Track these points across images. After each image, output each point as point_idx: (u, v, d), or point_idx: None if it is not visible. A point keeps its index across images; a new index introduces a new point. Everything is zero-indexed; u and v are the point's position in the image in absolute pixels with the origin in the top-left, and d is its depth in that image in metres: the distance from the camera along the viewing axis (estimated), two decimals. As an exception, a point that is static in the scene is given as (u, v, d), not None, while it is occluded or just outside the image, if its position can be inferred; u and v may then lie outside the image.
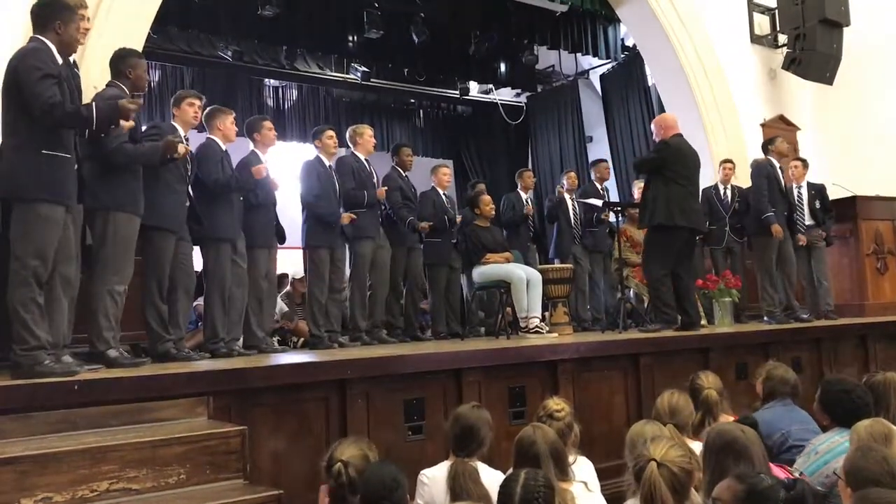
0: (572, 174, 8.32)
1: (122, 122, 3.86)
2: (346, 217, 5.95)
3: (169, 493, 2.92)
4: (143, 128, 4.67)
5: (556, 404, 3.53)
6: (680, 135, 6.27)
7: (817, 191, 7.80)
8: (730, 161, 8.24)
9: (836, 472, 2.71)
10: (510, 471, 2.80)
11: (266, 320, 5.62)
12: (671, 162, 6.02)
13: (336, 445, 2.79)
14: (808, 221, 7.66)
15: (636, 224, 7.30)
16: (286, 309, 8.35)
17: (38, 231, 3.48)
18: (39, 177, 3.50)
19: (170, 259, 4.64)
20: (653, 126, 6.42)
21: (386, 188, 6.42)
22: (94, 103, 3.73)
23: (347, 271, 6.36)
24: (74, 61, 3.97)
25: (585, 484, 3.06)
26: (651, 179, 6.19)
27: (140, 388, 3.36)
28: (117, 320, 4.20)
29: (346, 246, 6.20)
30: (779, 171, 7.29)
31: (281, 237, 5.75)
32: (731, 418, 3.58)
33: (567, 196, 7.99)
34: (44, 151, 3.51)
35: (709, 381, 4.04)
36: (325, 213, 5.93)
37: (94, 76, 4.92)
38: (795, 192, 7.73)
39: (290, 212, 6.07)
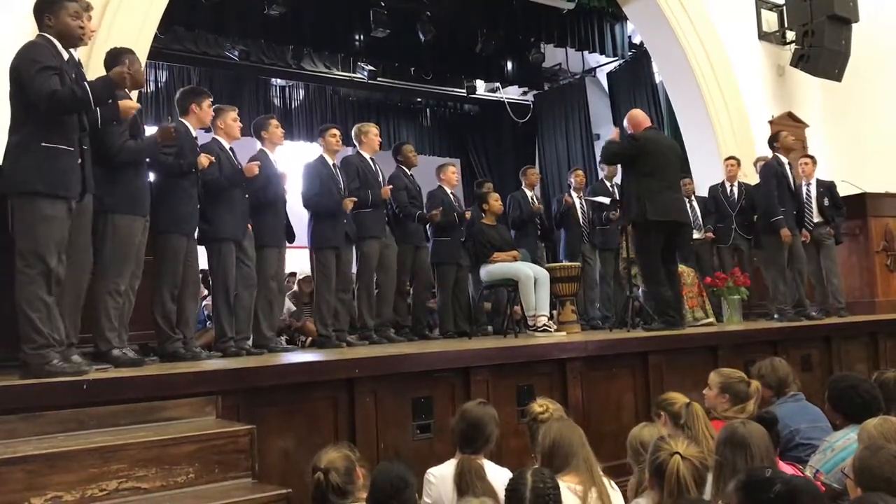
0: (579, 172, 8.28)
1: (125, 106, 3.92)
2: (348, 202, 5.87)
3: (178, 493, 2.92)
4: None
5: (540, 406, 3.42)
6: (653, 128, 6.26)
7: (826, 188, 7.74)
8: (733, 158, 8.22)
9: (844, 471, 2.70)
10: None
11: (275, 320, 5.62)
12: (641, 156, 5.94)
13: (317, 455, 2.78)
14: (816, 219, 7.61)
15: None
16: (293, 308, 8.36)
17: (40, 228, 3.46)
18: (38, 170, 3.48)
19: (182, 261, 4.65)
20: (625, 123, 6.37)
21: (391, 187, 6.40)
22: (84, 83, 3.65)
23: (354, 271, 6.35)
24: (79, 60, 3.96)
25: (610, 482, 3.06)
26: (625, 176, 6.20)
27: (149, 388, 3.36)
28: (122, 320, 4.21)
29: (353, 246, 6.18)
30: (787, 168, 7.20)
31: (290, 236, 5.75)
32: None
33: (575, 195, 7.97)
34: (43, 144, 3.50)
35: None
36: (327, 206, 5.89)
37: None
38: (804, 189, 7.68)
39: (298, 210, 6.05)
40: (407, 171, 6.85)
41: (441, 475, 3.13)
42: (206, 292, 7.06)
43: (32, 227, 3.46)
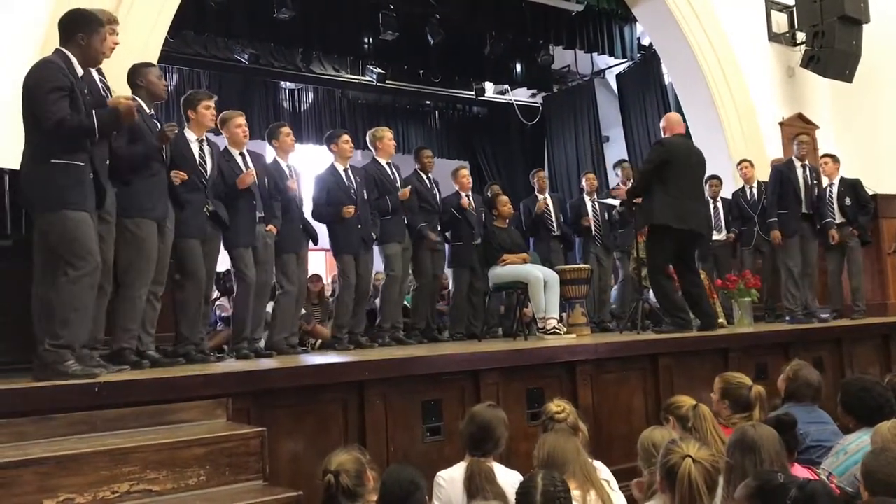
0: (591, 175, 8.24)
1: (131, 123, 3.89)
2: (350, 208, 5.85)
3: (189, 495, 2.93)
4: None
5: (557, 406, 3.45)
6: (682, 134, 6.20)
7: (848, 186, 7.54)
8: (746, 160, 8.19)
9: (856, 476, 2.68)
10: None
11: (291, 323, 5.65)
12: (667, 163, 5.85)
13: (328, 457, 2.79)
14: (838, 219, 7.44)
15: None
16: (303, 311, 8.36)
17: (72, 233, 3.50)
18: (52, 186, 3.51)
19: (201, 262, 4.66)
20: (661, 124, 6.33)
21: (409, 188, 6.42)
22: (93, 112, 3.66)
23: (373, 274, 6.41)
24: (100, 69, 3.99)
25: (608, 482, 3.05)
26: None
27: (160, 390, 3.38)
28: (144, 324, 4.26)
29: (373, 250, 6.22)
30: (798, 171, 7.15)
31: (312, 238, 5.81)
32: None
33: (587, 198, 7.96)
34: (52, 161, 3.52)
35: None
36: (330, 215, 5.95)
37: (110, 82, 4.97)
38: (827, 189, 7.55)
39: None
40: (423, 174, 6.87)
41: (451, 478, 3.14)
42: (216, 294, 7.09)
43: (64, 234, 3.51)
